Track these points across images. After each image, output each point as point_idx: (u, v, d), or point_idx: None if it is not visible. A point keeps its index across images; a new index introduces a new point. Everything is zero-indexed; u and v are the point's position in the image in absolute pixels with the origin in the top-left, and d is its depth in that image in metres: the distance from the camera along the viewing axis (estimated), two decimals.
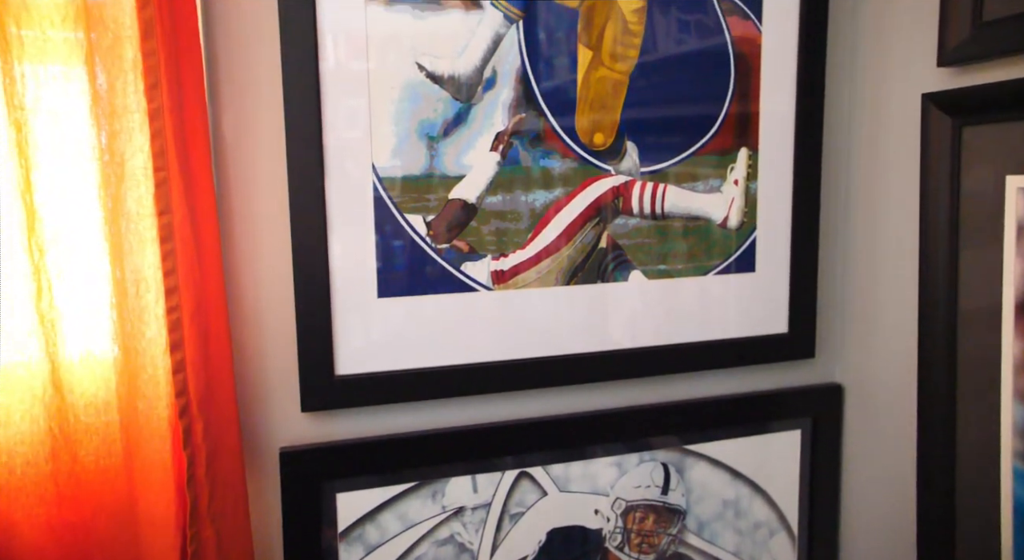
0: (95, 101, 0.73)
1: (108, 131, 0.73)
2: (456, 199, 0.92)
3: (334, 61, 0.86)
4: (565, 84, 0.94)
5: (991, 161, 0.84)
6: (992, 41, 0.83)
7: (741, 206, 1.03)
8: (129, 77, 0.72)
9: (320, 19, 0.85)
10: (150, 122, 0.73)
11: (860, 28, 1.03)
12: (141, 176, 0.74)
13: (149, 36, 0.72)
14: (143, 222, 0.75)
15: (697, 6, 0.97)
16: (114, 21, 0.71)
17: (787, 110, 1.02)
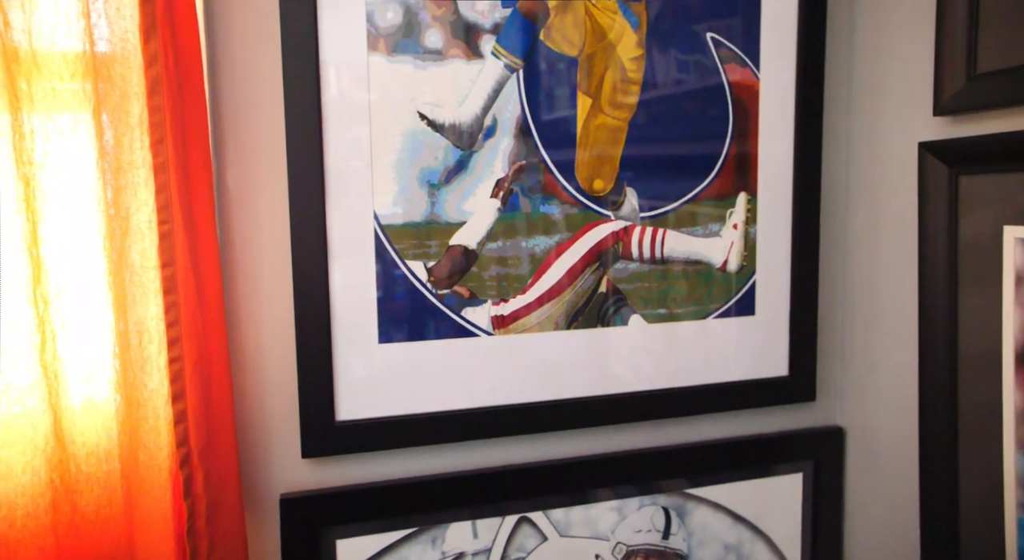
0: (102, 156, 0.74)
1: (114, 185, 0.74)
2: (457, 245, 0.93)
3: (336, 111, 0.87)
4: (565, 131, 0.96)
5: (988, 210, 0.85)
6: (986, 93, 0.84)
7: (740, 250, 1.03)
8: (135, 133, 0.74)
9: (323, 70, 0.86)
10: (155, 176, 0.74)
11: (856, 76, 1.05)
12: (146, 229, 0.75)
13: (156, 93, 0.74)
14: (147, 274, 0.76)
15: (695, 53, 0.99)
16: (122, 78, 0.73)
17: (785, 155, 1.03)
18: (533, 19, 0.93)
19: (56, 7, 0.74)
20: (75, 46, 0.74)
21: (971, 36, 0.85)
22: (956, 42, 0.86)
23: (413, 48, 0.89)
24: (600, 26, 0.95)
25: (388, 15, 0.88)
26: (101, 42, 0.73)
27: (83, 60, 0.75)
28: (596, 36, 0.95)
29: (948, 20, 0.87)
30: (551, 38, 0.94)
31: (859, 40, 1.04)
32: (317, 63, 0.86)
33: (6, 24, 0.72)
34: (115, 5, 0.72)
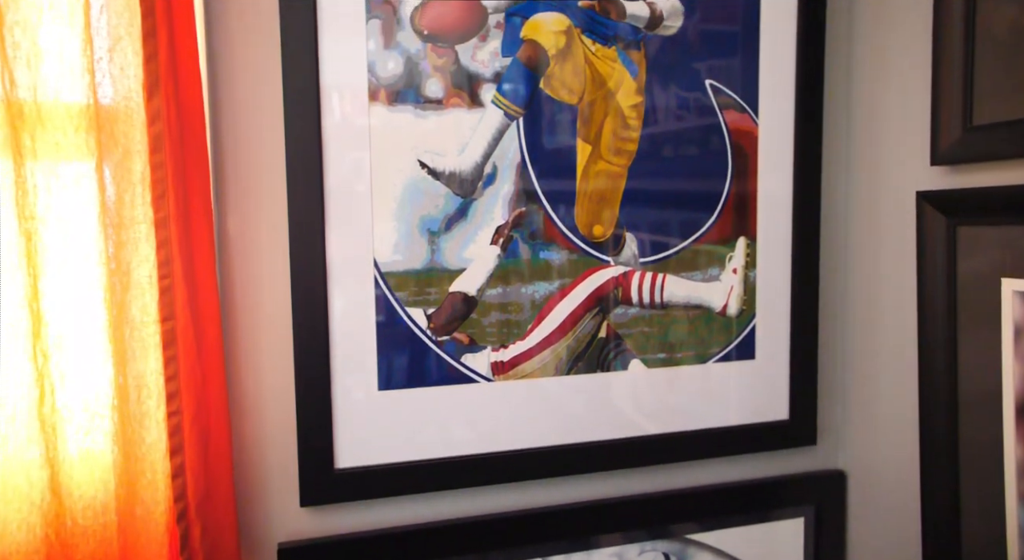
0: (103, 211, 0.75)
1: (115, 241, 0.74)
2: (457, 292, 0.93)
3: (338, 159, 0.88)
4: (565, 178, 0.96)
5: (986, 261, 0.85)
6: (983, 145, 0.85)
7: (740, 294, 1.03)
8: (137, 190, 0.74)
9: (324, 120, 0.87)
10: (156, 232, 0.75)
11: (855, 124, 1.05)
12: (146, 284, 0.75)
13: (158, 150, 0.74)
14: (147, 329, 0.76)
15: (694, 100, 1.00)
16: (124, 136, 0.73)
17: (784, 200, 1.03)
18: (533, 68, 0.94)
19: (61, 64, 0.74)
20: (79, 103, 0.75)
21: (966, 88, 0.86)
22: (952, 94, 0.87)
23: (414, 97, 0.90)
24: (600, 74, 0.96)
25: (389, 65, 0.89)
26: (105, 100, 0.73)
27: (87, 115, 0.75)
28: (596, 84, 0.96)
29: (944, 72, 0.88)
30: (551, 86, 0.95)
31: (857, 89, 1.05)
32: (318, 111, 0.86)
33: (12, 82, 0.72)
34: (119, 65, 0.73)
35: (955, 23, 0.87)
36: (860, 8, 1.04)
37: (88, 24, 0.73)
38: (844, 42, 1.05)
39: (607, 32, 0.96)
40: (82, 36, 0.74)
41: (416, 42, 0.89)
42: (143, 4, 0.72)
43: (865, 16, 1.03)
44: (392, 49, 0.89)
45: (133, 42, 0.73)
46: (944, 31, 0.88)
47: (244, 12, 0.86)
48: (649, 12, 0.96)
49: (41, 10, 0.74)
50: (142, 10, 0.72)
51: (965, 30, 0.86)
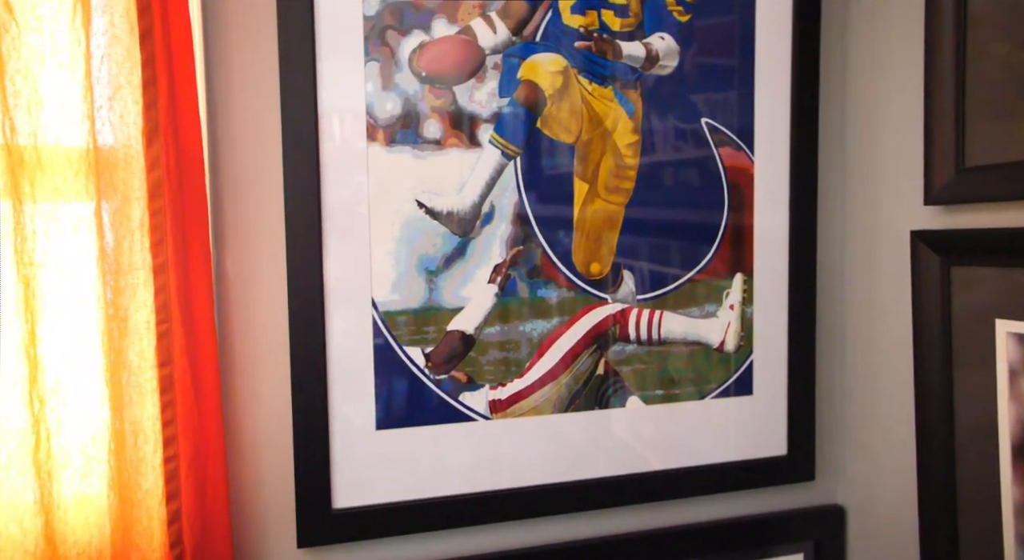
0: (102, 257, 0.75)
1: (113, 286, 0.75)
2: (454, 331, 0.93)
3: (336, 201, 0.88)
4: (562, 217, 0.97)
5: (981, 302, 0.86)
6: (975, 186, 0.86)
7: (737, 330, 1.04)
8: (136, 236, 0.74)
9: (322, 161, 0.88)
10: (154, 277, 0.75)
11: (849, 162, 1.06)
12: (144, 330, 0.75)
13: (157, 196, 0.75)
14: (144, 374, 0.76)
15: (690, 139, 1.01)
16: (124, 183, 0.74)
17: (781, 236, 1.04)
18: (530, 108, 0.94)
19: (62, 111, 0.75)
20: (79, 149, 0.75)
21: (958, 130, 0.87)
22: (944, 136, 0.88)
23: (412, 138, 0.91)
24: (596, 113, 0.97)
25: (387, 107, 0.90)
26: (105, 147, 0.74)
27: (86, 161, 0.75)
28: (592, 123, 0.97)
29: (936, 113, 0.89)
30: (548, 126, 0.95)
31: (851, 127, 1.06)
32: (316, 152, 0.87)
33: (12, 129, 0.73)
34: (119, 112, 0.73)
35: (946, 62, 0.88)
36: (854, 48, 1.05)
37: (89, 72, 0.74)
38: (839, 80, 1.07)
39: (603, 72, 0.97)
40: (83, 84, 0.75)
41: (414, 83, 0.90)
42: (143, 53, 0.73)
43: (859, 56, 1.04)
44: (390, 90, 0.90)
45: (133, 90, 0.73)
46: (935, 71, 0.89)
47: (244, 57, 0.87)
48: (645, 52, 0.97)
49: (43, 58, 0.74)
50: (142, 59, 0.73)
51: (956, 69, 0.87)
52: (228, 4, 0.86)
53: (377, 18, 0.89)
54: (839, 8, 1.06)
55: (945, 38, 0.88)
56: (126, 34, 0.72)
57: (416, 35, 0.90)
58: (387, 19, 0.89)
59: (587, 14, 0.95)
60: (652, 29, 0.98)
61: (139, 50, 0.73)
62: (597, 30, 0.96)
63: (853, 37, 1.05)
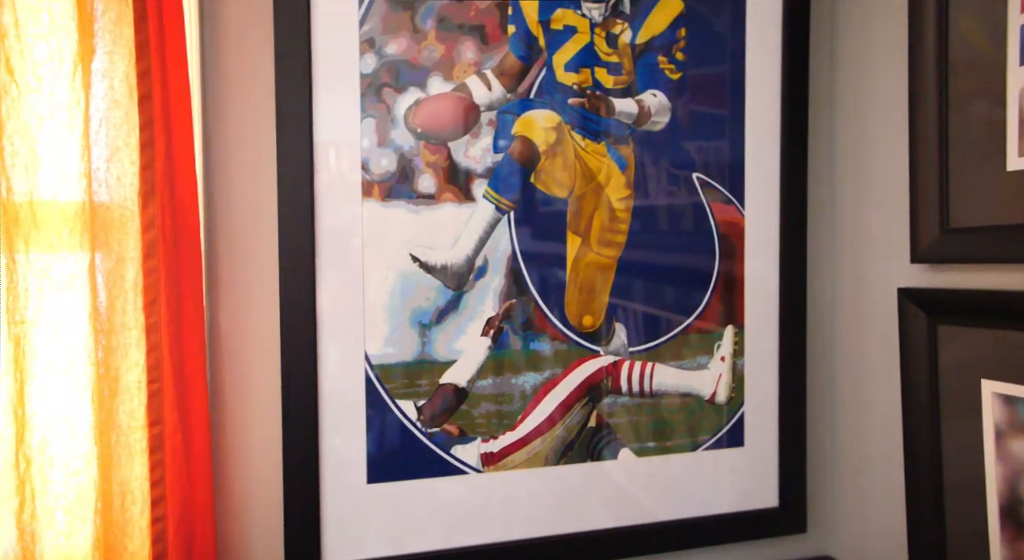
0: (94, 316, 0.75)
1: (105, 346, 0.74)
2: (447, 384, 0.94)
3: (331, 257, 0.89)
4: (555, 270, 0.97)
5: (967, 361, 0.87)
6: (960, 247, 0.87)
7: (728, 382, 1.04)
8: (129, 296, 0.74)
9: (318, 215, 0.88)
10: (147, 337, 0.75)
11: (838, 217, 1.08)
12: (135, 389, 0.75)
13: (151, 256, 0.75)
14: (133, 434, 0.75)
15: (682, 193, 1.02)
16: (119, 244, 0.74)
17: (771, 289, 1.05)
18: (524, 163, 0.96)
19: (59, 171, 0.75)
20: (75, 208, 0.75)
21: (943, 193, 0.88)
22: (929, 196, 0.90)
23: (407, 193, 0.92)
24: (589, 168, 0.98)
25: (383, 162, 0.91)
26: (101, 207, 0.74)
27: (81, 219, 0.76)
28: (585, 178, 0.98)
29: (921, 175, 0.91)
30: (541, 181, 0.97)
31: (840, 183, 1.08)
32: (312, 208, 0.88)
33: (9, 189, 0.73)
34: (116, 174, 0.74)
35: (929, 122, 0.90)
36: (841, 106, 1.07)
37: (87, 133, 0.75)
38: (826, 139, 1.09)
39: (597, 128, 0.98)
40: (80, 143, 0.75)
41: (410, 139, 0.91)
42: (142, 116, 0.74)
43: (846, 114, 1.07)
44: (386, 147, 0.91)
45: (130, 152, 0.74)
46: (919, 129, 0.91)
47: (241, 116, 0.88)
48: (637, 109, 0.99)
49: (42, 118, 0.75)
50: (140, 121, 0.74)
51: (939, 130, 0.89)
52: (227, 66, 0.87)
53: (374, 76, 0.90)
54: (826, 68, 1.08)
55: (928, 97, 0.91)
56: (125, 98, 0.73)
57: (412, 92, 0.91)
58: (383, 77, 0.90)
59: (581, 72, 0.97)
60: (644, 86, 1.00)
61: (138, 113, 0.74)
62: (590, 87, 0.98)
63: (840, 96, 1.07)
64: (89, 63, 0.72)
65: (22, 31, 0.74)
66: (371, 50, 0.90)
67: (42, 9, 0.74)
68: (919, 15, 0.91)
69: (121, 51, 0.73)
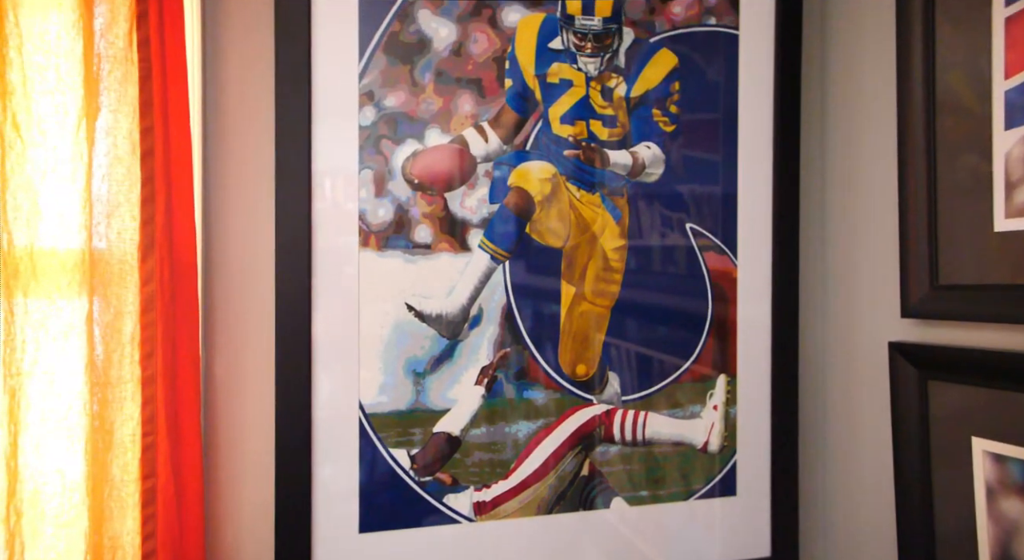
0: (91, 370, 0.75)
1: (100, 399, 0.75)
2: (441, 432, 0.94)
3: (327, 306, 0.90)
4: (549, 319, 0.98)
5: (958, 418, 0.87)
6: (949, 304, 0.88)
7: (721, 431, 1.04)
8: (126, 350, 0.75)
9: (314, 264, 0.89)
10: (143, 390, 0.75)
11: (830, 269, 1.08)
12: (128, 443, 0.75)
13: (149, 309, 0.76)
14: (126, 488, 0.75)
15: (675, 243, 1.03)
16: (117, 298, 0.75)
17: (763, 338, 1.06)
18: (520, 214, 0.97)
19: (60, 224, 0.76)
20: (74, 260, 0.76)
21: (932, 250, 0.90)
22: (918, 253, 0.91)
23: (403, 243, 0.93)
24: (584, 219, 1.00)
25: (380, 213, 0.92)
26: (100, 260, 0.75)
27: (80, 270, 0.77)
28: (580, 228, 1.00)
29: (910, 232, 0.92)
30: (536, 231, 0.98)
31: (831, 235, 1.09)
32: (309, 259, 0.89)
33: (10, 243, 0.74)
34: (116, 229, 0.75)
35: (919, 174, 0.91)
36: (832, 161, 1.09)
37: (89, 188, 0.76)
38: (818, 189, 1.10)
39: (591, 179, 1.00)
40: (82, 197, 0.76)
41: (407, 190, 0.93)
42: (143, 172, 0.75)
43: (837, 169, 1.08)
44: (383, 197, 0.92)
45: (131, 207, 0.75)
46: (909, 181, 0.92)
47: (240, 167, 0.89)
48: (632, 160, 1.01)
49: (45, 173, 0.76)
50: (142, 177, 0.75)
51: (928, 182, 0.90)
52: (228, 120, 0.89)
53: (372, 128, 0.92)
54: (817, 124, 1.10)
55: (917, 152, 0.92)
56: (128, 154, 0.74)
57: (410, 144, 0.93)
58: (382, 129, 0.92)
59: (576, 124, 0.99)
60: (639, 138, 1.01)
61: (140, 169, 0.75)
62: (586, 139, 0.99)
63: (831, 150, 1.09)
64: (94, 121, 0.74)
65: (29, 88, 0.75)
66: (370, 103, 0.92)
67: (49, 67, 0.76)
68: (907, 67, 0.93)
69: (125, 109, 0.74)
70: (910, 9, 0.93)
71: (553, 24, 0.98)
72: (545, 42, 0.98)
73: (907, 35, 0.94)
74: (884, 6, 0.98)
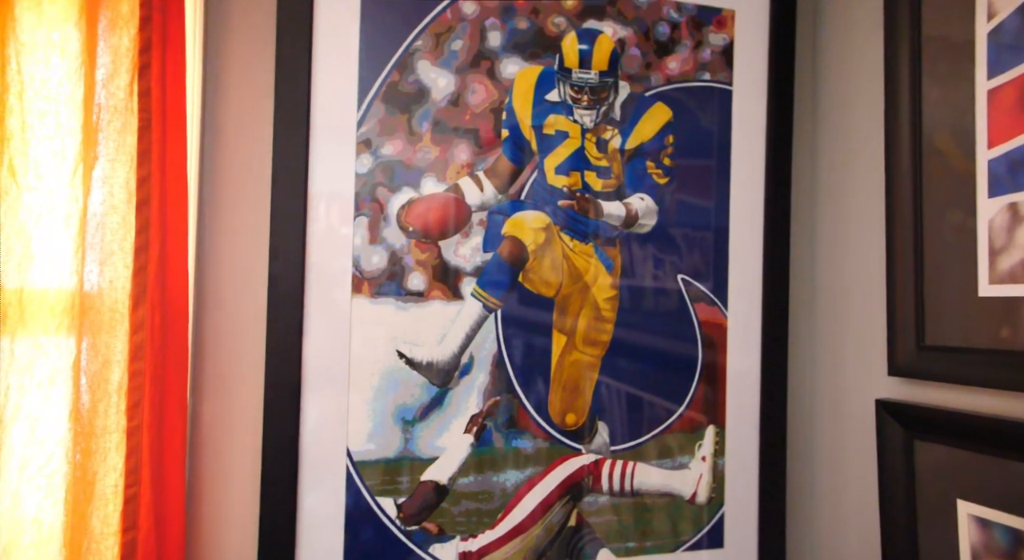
0: (75, 418, 0.74)
1: (84, 448, 0.74)
2: (428, 481, 0.93)
3: (318, 352, 0.89)
4: (539, 368, 0.98)
5: (943, 479, 0.88)
6: (935, 364, 0.89)
7: (709, 482, 1.04)
8: (113, 399, 0.74)
9: (307, 312, 0.89)
10: (128, 440, 0.75)
11: (818, 327, 1.10)
12: (110, 494, 0.74)
13: (138, 358, 0.75)
14: (106, 541, 0.74)
15: (666, 293, 1.04)
16: (106, 346, 0.74)
17: (752, 390, 1.06)
18: (513, 263, 0.98)
19: (52, 269, 0.76)
20: (64, 304, 0.76)
21: (918, 310, 0.91)
22: (905, 312, 0.92)
23: (396, 290, 0.93)
24: (576, 268, 1.00)
25: (374, 260, 0.92)
26: (91, 310, 0.75)
27: (69, 315, 0.76)
28: (572, 278, 1.00)
29: (897, 291, 0.93)
30: (529, 280, 0.98)
31: (821, 292, 1.10)
32: (302, 305, 0.89)
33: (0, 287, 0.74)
34: (108, 277, 0.75)
35: (906, 231, 0.93)
36: (822, 216, 1.10)
37: (83, 233, 0.76)
38: (807, 246, 1.11)
39: (585, 230, 1.01)
40: (75, 242, 0.76)
41: (401, 238, 0.93)
42: (138, 221, 0.75)
43: (826, 223, 1.10)
44: (377, 244, 0.92)
45: (124, 256, 0.75)
46: (897, 239, 0.94)
47: (235, 215, 0.89)
48: (625, 212, 1.02)
49: (40, 216, 0.76)
50: (137, 226, 0.75)
51: (915, 240, 0.92)
52: (225, 167, 0.89)
53: (369, 175, 0.92)
54: (808, 179, 1.12)
55: (904, 209, 0.94)
56: (123, 203, 0.74)
57: (405, 192, 0.94)
58: (378, 177, 0.93)
59: (571, 175, 1.00)
60: (633, 190, 1.03)
61: (135, 218, 0.75)
62: (580, 190, 1.00)
63: (821, 205, 1.11)
64: (91, 170, 0.74)
65: (28, 134, 0.75)
66: (367, 150, 0.92)
67: (49, 113, 0.76)
68: (895, 127, 0.95)
69: (123, 158, 0.74)
70: (898, 71, 0.96)
71: (550, 76, 1.00)
72: (542, 94, 0.99)
73: (895, 96, 0.96)
74: (874, 66, 1.00)
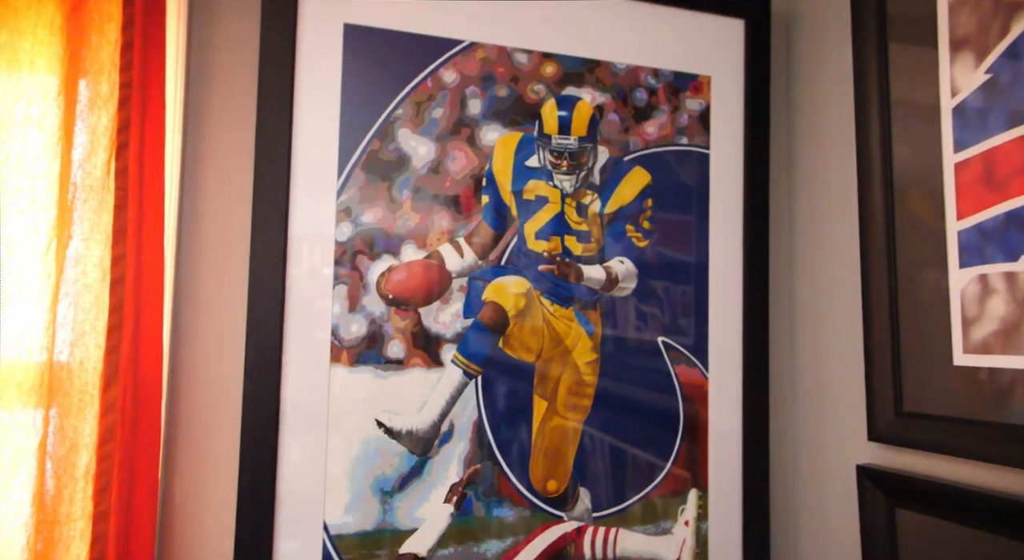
0: (38, 505, 0.72)
1: (46, 537, 0.72)
2: (407, 554, 0.91)
3: (295, 424, 0.88)
4: (520, 434, 0.98)
5: (927, 552, 0.87)
6: (914, 431, 0.89)
7: (692, 547, 1.03)
8: (79, 485, 0.72)
9: (284, 384, 0.88)
10: (93, 527, 0.73)
11: (799, 387, 1.10)
12: None
13: (107, 441, 0.73)
14: None
15: (647, 356, 1.04)
16: (74, 429, 0.73)
17: (735, 452, 1.06)
18: (493, 328, 0.97)
19: (19, 344, 0.74)
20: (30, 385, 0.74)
21: (896, 376, 0.91)
22: (883, 378, 0.93)
23: (375, 358, 0.92)
24: (557, 333, 1.00)
25: (352, 328, 0.92)
26: (59, 392, 0.73)
27: (38, 392, 0.74)
28: (553, 342, 1.00)
29: (875, 355, 0.94)
30: (510, 345, 0.98)
31: (800, 354, 1.10)
32: (279, 377, 0.87)
33: None
34: (79, 358, 0.73)
35: (881, 286, 0.94)
36: (800, 276, 1.11)
37: (54, 310, 0.74)
38: (786, 305, 1.13)
39: (566, 294, 1.01)
40: (46, 318, 0.75)
41: (380, 305, 0.93)
42: (112, 298, 0.74)
43: (805, 283, 1.11)
44: (357, 312, 0.92)
45: (97, 336, 0.74)
46: (872, 295, 0.95)
47: (211, 285, 0.88)
48: (605, 275, 1.03)
49: (9, 294, 0.75)
50: (110, 304, 0.74)
51: (890, 295, 0.93)
52: (202, 240, 0.89)
53: (348, 243, 0.92)
54: (785, 242, 1.13)
55: (879, 264, 0.95)
56: (97, 282, 0.73)
57: (385, 259, 0.93)
58: (358, 245, 0.93)
59: (551, 239, 1.01)
60: (612, 254, 1.03)
61: (108, 297, 0.74)
62: (560, 254, 1.01)
63: (798, 264, 1.12)
64: (64, 248, 0.73)
65: (1, 208, 0.74)
66: (347, 219, 0.92)
67: (24, 189, 0.76)
68: (868, 185, 0.96)
69: (98, 237, 0.74)
70: (869, 131, 0.97)
71: (530, 143, 1.01)
72: (522, 160, 1.00)
73: (867, 154, 0.97)
74: (847, 126, 1.02)
